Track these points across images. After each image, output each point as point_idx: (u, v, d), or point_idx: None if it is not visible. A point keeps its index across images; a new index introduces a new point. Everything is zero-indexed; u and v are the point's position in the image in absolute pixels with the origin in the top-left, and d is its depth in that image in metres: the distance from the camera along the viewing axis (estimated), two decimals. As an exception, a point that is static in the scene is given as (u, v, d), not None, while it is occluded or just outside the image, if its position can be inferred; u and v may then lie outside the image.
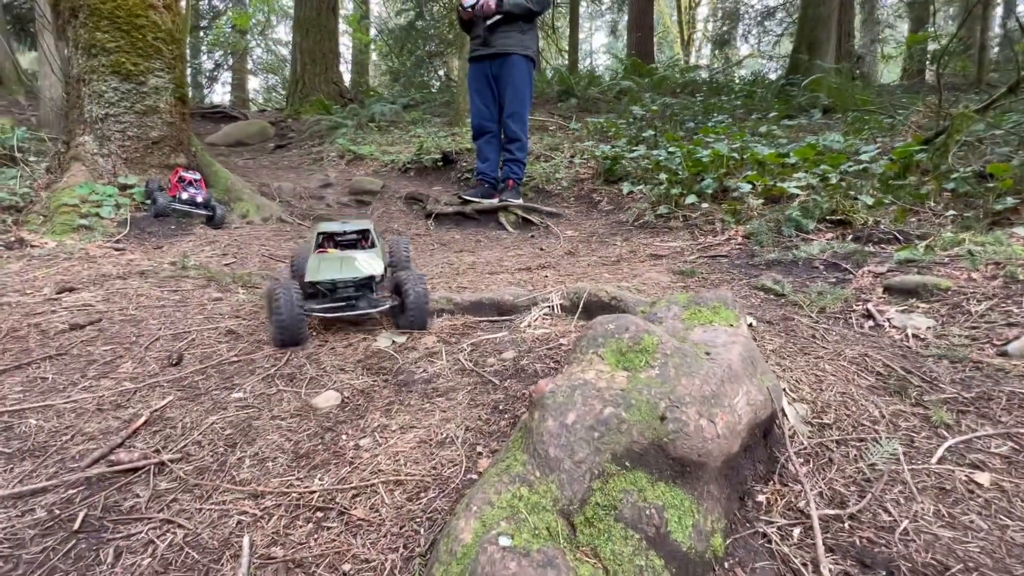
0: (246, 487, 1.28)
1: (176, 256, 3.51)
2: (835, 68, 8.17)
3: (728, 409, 1.11)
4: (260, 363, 2.00)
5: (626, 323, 1.24)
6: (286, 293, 2.02)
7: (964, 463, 1.25)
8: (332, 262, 2.25)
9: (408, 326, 2.23)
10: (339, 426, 1.55)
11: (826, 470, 1.27)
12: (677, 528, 0.99)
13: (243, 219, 4.74)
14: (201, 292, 2.89)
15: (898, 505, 1.14)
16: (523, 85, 4.70)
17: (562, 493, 0.99)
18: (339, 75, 12.12)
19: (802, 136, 5.51)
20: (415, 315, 2.19)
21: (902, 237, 2.85)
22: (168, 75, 4.51)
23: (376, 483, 1.28)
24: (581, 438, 1.03)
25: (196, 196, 4.33)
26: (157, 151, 4.52)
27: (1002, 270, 2.08)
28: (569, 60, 13.72)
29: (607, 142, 6.15)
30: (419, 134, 7.93)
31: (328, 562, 1.05)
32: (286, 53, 17.14)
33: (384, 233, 4.80)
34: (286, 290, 2.03)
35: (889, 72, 15.30)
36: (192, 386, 1.82)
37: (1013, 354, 1.66)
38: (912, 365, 1.69)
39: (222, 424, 1.58)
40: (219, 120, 11.05)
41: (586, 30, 25.09)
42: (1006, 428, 1.35)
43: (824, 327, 2.03)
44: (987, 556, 1.00)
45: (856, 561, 1.01)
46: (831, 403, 1.52)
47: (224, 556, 1.07)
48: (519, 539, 0.89)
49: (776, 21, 13.73)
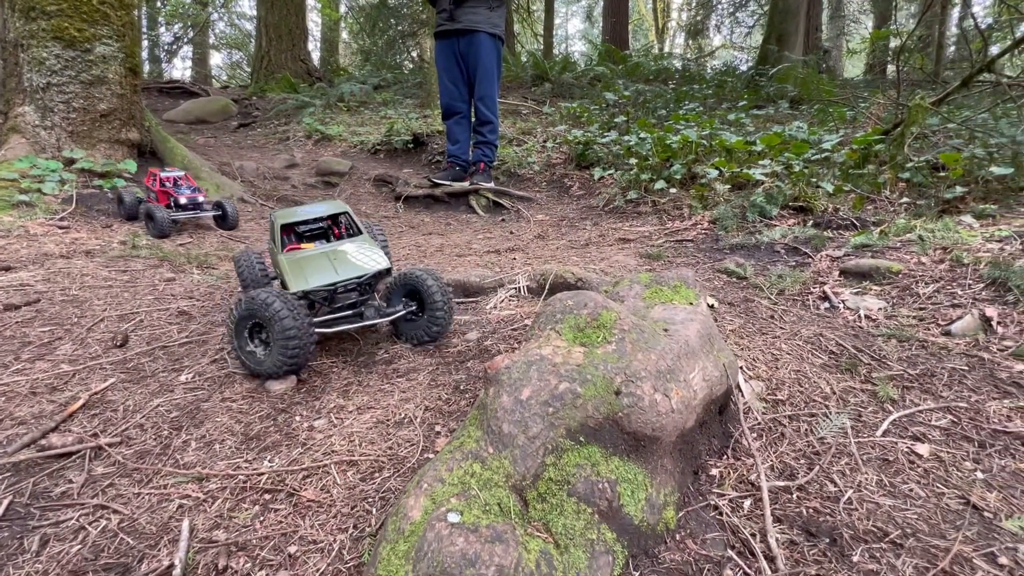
0: (190, 470, 1.22)
1: (127, 235, 3.33)
2: (802, 60, 8.34)
3: (683, 384, 1.11)
4: (212, 344, 1.92)
5: (585, 299, 1.22)
6: (287, 306, 1.52)
7: (906, 435, 1.29)
8: (318, 261, 1.76)
9: (428, 338, 1.81)
10: (293, 407, 1.50)
11: (778, 444, 1.29)
12: (630, 502, 0.99)
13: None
14: (153, 272, 2.75)
15: (844, 476, 1.17)
16: (492, 65, 4.60)
17: (515, 469, 0.97)
18: (307, 53, 11.67)
19: (770, 125, 5.61)
20: (442, 323, 1.78)
21: (859, 223, 2.93)
22: (117, 43, 4.24)
23: (328, 464, 1.24)
24: (535, 413, 1.02)
25: (197, 196, 3.57)
26: (106, 125, 4.26)
27: (949, 255, 2.17)
28: (544, 44, 13.58)
29: (580, 127, 6.13)
30: (390, 115, 7.73)
31: (273, 544, 1.01)
32: (251, 28, 16.40)
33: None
34: (285, 300, 1.53)
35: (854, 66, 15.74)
36: (137, 368, 1.73)
37: (956, 333, 1.74)
38: (863, 344, 1.74)
39: (168, 407, 1.50)
40: (178, 96, 10.51)
41: (562, 15, 24.88)
42: (946, 402, 1.41)
43: (782, 308, 2.08)
44: (923, 522, 1.04)
45: (802, 530, 1.04)
46: (785, 380, 1.55)
47: (162, 541, 1.02)
48: (469, 515, 0.87)
49: (748, 12, 13.91)
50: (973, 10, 10.40)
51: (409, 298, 1.86)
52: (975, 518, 1.03)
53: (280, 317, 1.50)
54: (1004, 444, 1.23)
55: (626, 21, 12.96)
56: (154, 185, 3.65)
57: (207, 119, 9.07)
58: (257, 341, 1.62)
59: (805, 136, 4.41)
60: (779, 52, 8.21)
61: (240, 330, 1.60)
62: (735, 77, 9.27)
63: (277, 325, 1.50)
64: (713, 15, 14.04)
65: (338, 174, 5.73)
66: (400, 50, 13.52)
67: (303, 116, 8.01)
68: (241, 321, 1.58)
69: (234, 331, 1.60)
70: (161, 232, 3.34)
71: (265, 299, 1.52)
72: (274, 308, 1.51)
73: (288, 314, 1.51)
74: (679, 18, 19.44)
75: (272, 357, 1.54)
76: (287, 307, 1.52)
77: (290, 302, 1.54)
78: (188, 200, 3.55)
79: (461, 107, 4.80)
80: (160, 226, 3.32)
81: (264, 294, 1.53)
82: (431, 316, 1.78)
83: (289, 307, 1.52)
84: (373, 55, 13.11)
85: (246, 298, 1.56)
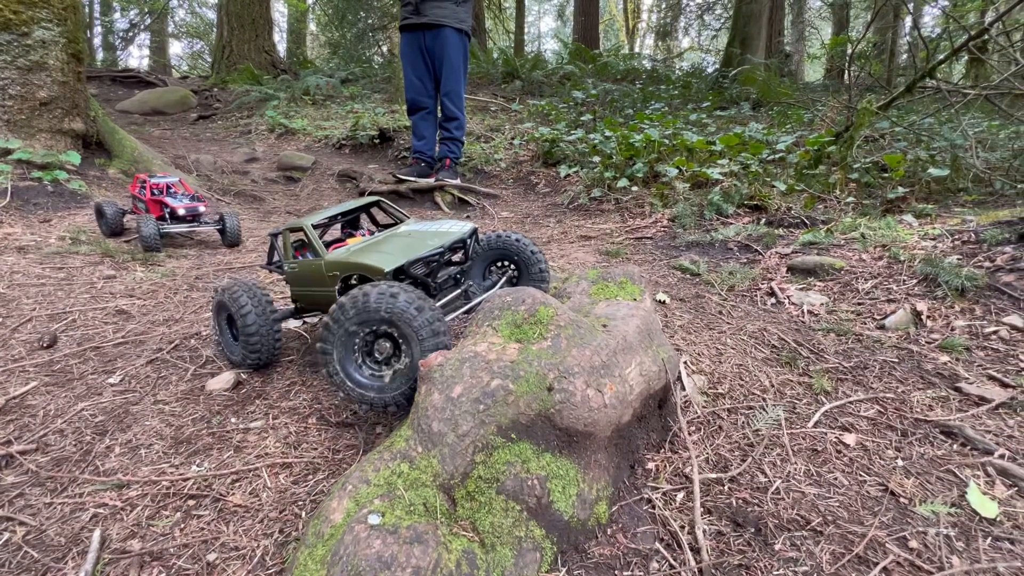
0: (110, 477, 1.16)
1: (67, 230, 3.16)
2: (764, 63, 8.57)
3: (619, 379, 1.12)
4: (151, 344, 1.83)
5: (523, 296, 1.21)
6: (248, 292, 1.51)
7: (836, 426, 1.34)
8: (391, 242, 1.47)
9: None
10: (228, 409, 1.45)
11: (715, 437, 1.32)
12: (560, 498, 0.99)
13: (152, 193, 4.33)
14: (92, 269, 2.61)
15: (774, 467, 1.20)
16: (458, 60, 4.56)
17: (444, 468, 0.96)
18: (272, 44, 11.33)
19: (731, 126, 5.75)
20: (548, 280, 1.72)
21: (809, 221, 3.03)
22: (58, 28, 4.01)
23: (260, 467, 1.20)
24: (466, 411, 1.00)
25: (197, 206, 3.01)
26: (47, 113, 4.03)
27: (887, 252, 2.26)
28: (515, 41, 13.55)
29: (548, 125, 6.14)
30: (357, 110, 7.57)
31: (192, 553, 0.97)
32: (213, 17, 15.81)
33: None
34: (247, 288, 1.53)
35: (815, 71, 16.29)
36: (64, 370, 1.64)
37: (889, 327, 1.81)
38: (804, 338, 1.80)
39: (93, 411, 1.43)
40: (133, 86, 10.06)
41: (535, 13, 24.90)
42: (875, 393, 1.46)
43: (731, 304, 2.12)
44: (844, 509, 1.07)
45: (730, 520, 1.06)
46: (728, 374, 1.58)
47: (70, 553, 0.96)
48: (390, 516, 0.85)
49: (715, 16, 14.22)
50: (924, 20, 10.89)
51: (495, 265, 1.71)
52: (892, 504, 1.07)
53: (239, 309, 1.47)
54: (924, 432, 1.29)
55: (596, 21, 13.05)
56: (142, 193, 3.07)
57: (164, 110, 8.71)
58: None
59: (761, 137, 4.53)
60: (742, 55, 8.42)
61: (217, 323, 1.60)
62: (700, 78, 9.46)
63: (240, 319, 1.48)
64: (682, 17, 14.29)
65: (300, 169, 5.58)
66: (369, 43, 13.27)
67: (266, 109, 7.78)
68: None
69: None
70: (148, 246, 2.80)
71: (229, 290, 1.51)
72: (232, 297, 1.48)
73: (246, 305, 1.49)
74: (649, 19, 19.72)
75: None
76: (246, 296, 1.50)
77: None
78: (187, 211, 2.96)
79: (427, 102, 4.74)
80: (146, 241, 2.78)
81: (229, 285, 1.51)
82: (535, 275, 1.64)
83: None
84: (342, 48, 12.82)
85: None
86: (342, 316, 1.16)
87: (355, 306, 1.15)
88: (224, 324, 1.66)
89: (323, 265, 1.41)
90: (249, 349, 1.55)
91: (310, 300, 1.53)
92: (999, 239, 2.09)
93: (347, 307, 1.16)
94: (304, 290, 1.52)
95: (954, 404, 1.38)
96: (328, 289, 1.41)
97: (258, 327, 1.51)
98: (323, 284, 1.43)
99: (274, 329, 1.55)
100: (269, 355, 1.58)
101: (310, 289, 1.49)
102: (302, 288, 1.52)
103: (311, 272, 1.46)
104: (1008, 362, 1.51)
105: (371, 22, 13.09)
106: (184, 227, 2.97)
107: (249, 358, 1.57)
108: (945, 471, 1.16)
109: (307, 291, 1.51)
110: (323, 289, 1.44)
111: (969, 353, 1.58)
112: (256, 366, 1.61)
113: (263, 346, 1.54)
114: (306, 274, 1.48)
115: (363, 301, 1.14)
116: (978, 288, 1.84)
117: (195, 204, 3.02)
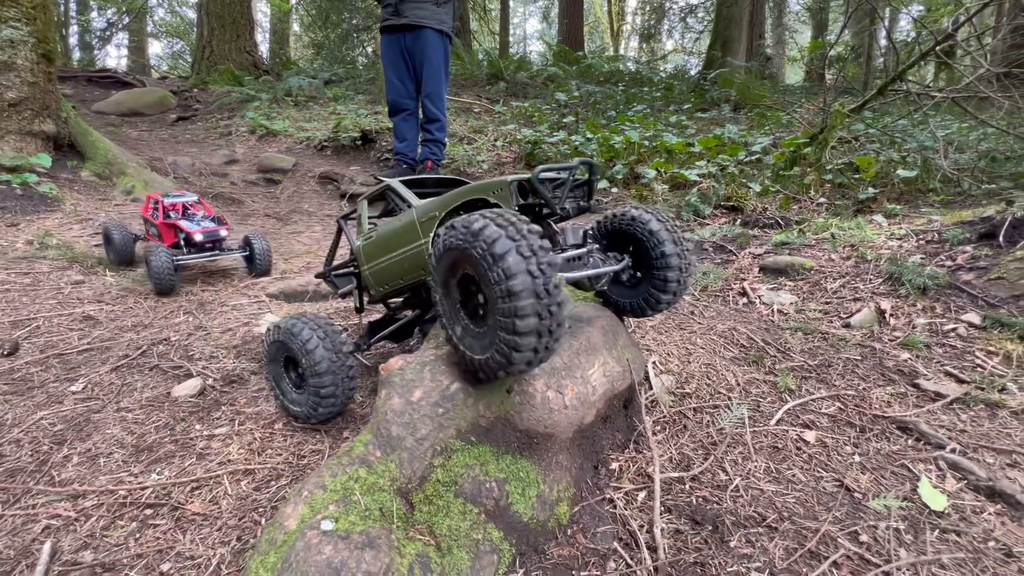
0: (65, 488, 1.14)
1: (35, 234, 3.09)
2: (745, 66, 8.70)
3: (580, 380, 1.13)
4: (116, 351, 1.80)
5: (487, 299, 1.22)
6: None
7: (797, 423, 1.36)
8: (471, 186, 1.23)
9: (651, 309, 1.34)
10: (194, 415, 1.43)
11: (680, 436, 1.34)
12: (519, 500, 0.99)
13: (127, 196, 4.26)
14: (59, 275, 2.56)
15: (735, 465, 1.22)
16: (440, 62, 4.55)
17: (402, 472, 0.96)
18: (254, 44, 11.20)
19: (712, 128, 5.82)
20: (675, 289, 1.32)
21: (783, 222, 3.08)
22: (27, 27, 3.92)
23: (222, 474, 1.18)
24: (425, 415, 1.00)
25: (218, 231, 2.49)
26: (16, 115, 3.94)
27: (855, 251, 2.30)
28: (500, 43, 13.57)
29: (531, 127, 6.16)
30: (339, 111, 7.52)
31: (145, 563, 0.95)
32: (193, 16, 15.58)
33: (291, 214, 4.53)
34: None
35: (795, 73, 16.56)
36: (25, 379, 1.60)
37: (855, 325, 1.85)
38: (772, 337, 1.83)
39: (53, 419, 1.40)
40: (110, 86, 9.86)
41: (520, 15, 24.97)
42: (837, 390, 1.49)
43: (703, 304, 2.15)
44: (800, 505, 1.09)
45: (689, 519, 1.07)
46: (696, 374, 1.60)
47: (19, 567, 0.94)
48: (344, 522, 0.85)
49: (697, 19, 14.39)
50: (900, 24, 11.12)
51: (617, 249, 1.34)
52: (846, 499, 1.10)
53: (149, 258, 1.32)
54: (882, 428, 1.32)
55: (581, 23, 13.13)
56: (155, 216, 2.56)
57: (142, 111, 8.56)
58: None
59: (739, 139, 4.59)
60: (723, 58, 8.53)
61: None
62: (683, 80, 9.56)
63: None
64: (665, 20, 14.43)
65: (281, 171, 5.53)
66: (354, 44, 13.19)
67: (247, 110, 7.69)
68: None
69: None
70: (160, 285, 2.24)
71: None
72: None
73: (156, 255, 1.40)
74: (633, 22, 19.88)
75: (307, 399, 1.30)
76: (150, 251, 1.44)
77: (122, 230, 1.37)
78: (205, 236, 2.43)
79: (408, 104, 4.72)
80: (158, 277, 2.22)
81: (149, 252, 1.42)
82: (658, 277, 1.25)
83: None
84: (325, 49, 12.73)
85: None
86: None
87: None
88: (281, 371, 1.38)
89: (415, 211, 1.22)
90: (320, 395, 1.25)
91: (391, 274, 1.30)
92: (961, 239, 2.14)
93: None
94: (383, 262, 1.30)
95: (911, 400, 1.41)
96: (418, 244, 1.21)
97: (329, 364, 1.24)
98: (413, 238, 1.22)
99: (347, 365, 1.29)
100: (345, 399, 1.31)
101: (392, 255, 1.28)
102: (381, 260, 1.30)
103: (394, 231, 1.27)
104: (964, 358, 1.55)
105: (355, 23, 13.01)
106: (203, 257, 2.49)
107: (322, 405, 1.27)
108: (899, 466, 1.19)
109: (387, 261, 1.29)
110: (412, 246, 1.23)
111: (928, 350, 1.62)
112: (329, 417, 1.34)
113: (338, 387, 1.27)
114: (386, 237, 1.29)
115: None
116: (939, 287, 1.89)
117: (215, 228, 2.50)
